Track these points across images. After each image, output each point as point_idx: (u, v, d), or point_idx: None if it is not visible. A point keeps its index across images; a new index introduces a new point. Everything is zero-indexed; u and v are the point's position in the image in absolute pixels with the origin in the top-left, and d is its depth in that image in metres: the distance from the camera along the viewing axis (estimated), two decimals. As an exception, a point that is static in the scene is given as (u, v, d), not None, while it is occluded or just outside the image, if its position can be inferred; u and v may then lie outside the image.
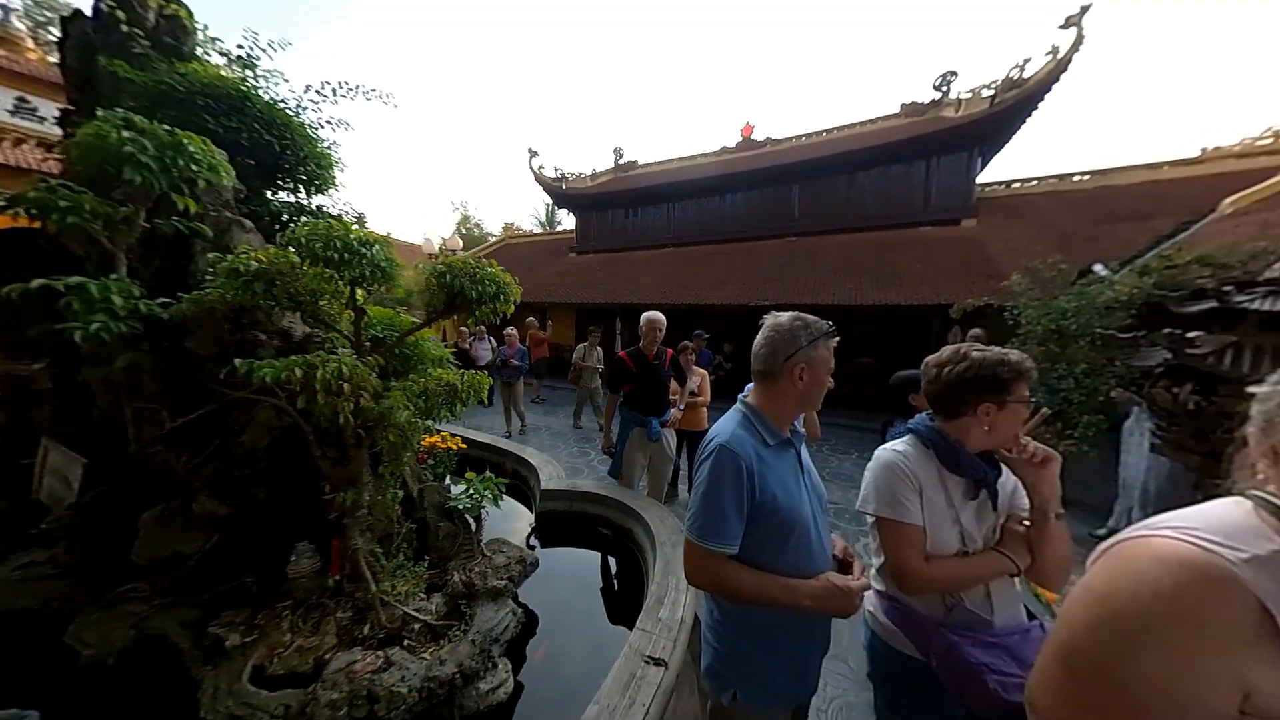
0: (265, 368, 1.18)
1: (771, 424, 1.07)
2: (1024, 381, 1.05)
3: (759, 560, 1.01)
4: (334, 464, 1.64)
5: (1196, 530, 0.48)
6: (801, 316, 1.07)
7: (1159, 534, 0.50)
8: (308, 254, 1.28)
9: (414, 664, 1.44)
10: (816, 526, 1.08)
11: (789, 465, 1.08)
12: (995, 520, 1.11)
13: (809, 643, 1.08)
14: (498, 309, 1.73)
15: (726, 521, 0.97)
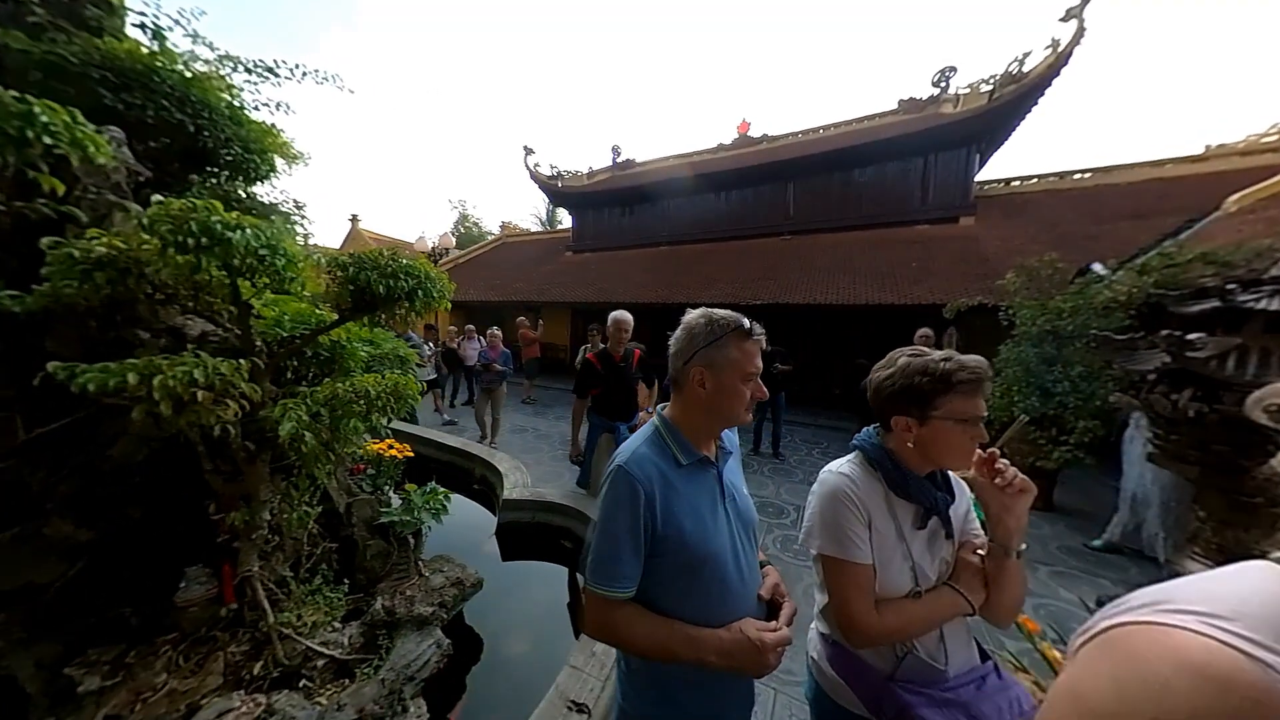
0: (89, 374, 0.99)
1: (686, 440, 0.89)
2: (955, 394, 0.86)
3: (662, 603, 0.83)
4: (226, 479, 1.45)
5: (1226, 621, 0.34)
6: (711, 313, 0.89)
7: (1179, 625, 0.35)
8: (165, 239, 1.09)
9: (303, 711, 1.25)
10: (737, 561, 0.89)
11: (705, 489, 0.90)
12: (949, 550, 0.95)
13: (721, 700, 0.90)
14: (417, 307, 1.54)
15: (619, 561, 0.80)
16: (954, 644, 0.92)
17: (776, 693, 2.11)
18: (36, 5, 1.88)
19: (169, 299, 1.29)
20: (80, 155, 1.33)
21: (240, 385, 1.18)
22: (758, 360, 0.89)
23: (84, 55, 1.80)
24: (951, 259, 8.05)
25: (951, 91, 10.30)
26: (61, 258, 1.10)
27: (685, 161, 14.69)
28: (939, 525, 0.94)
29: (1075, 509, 4.34)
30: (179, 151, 2.18)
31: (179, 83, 1.96)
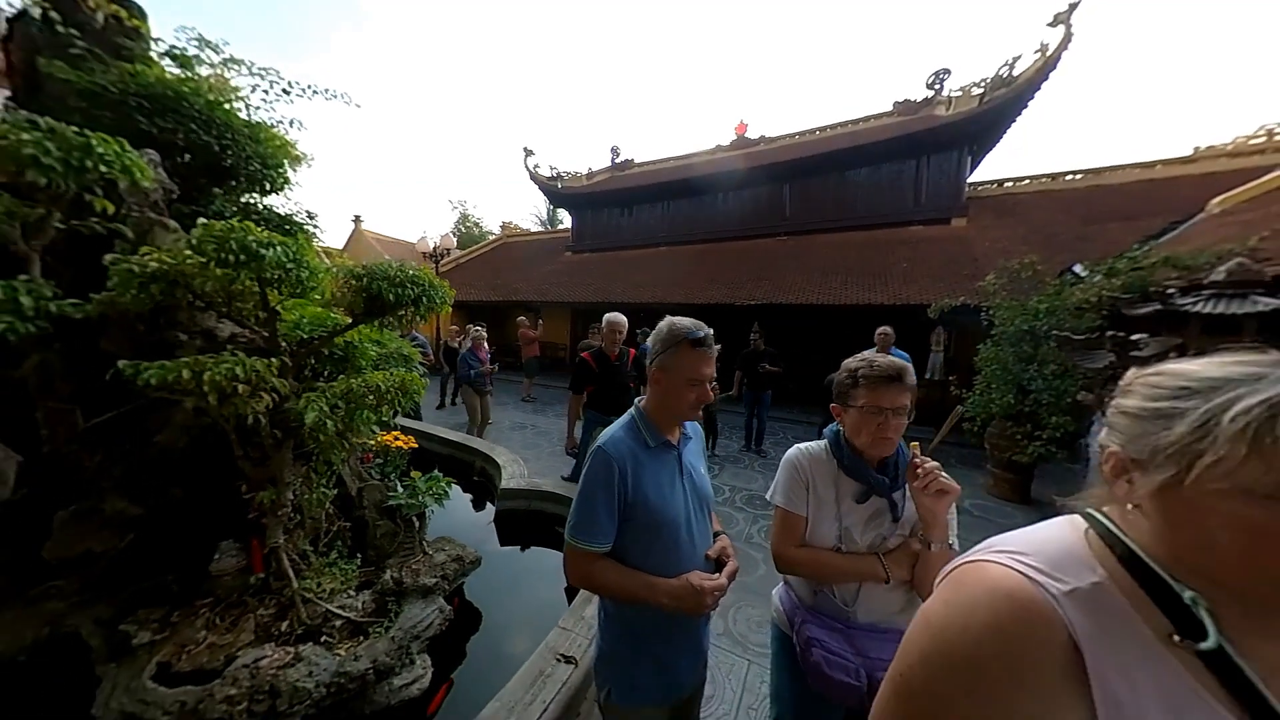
0: (150, 370, 1.19)
1: (654, 426, 1.09)
2: (862, 388, 1.08)
3: (628, 557, 1.03)
4: (255, 464, 1.65)
5: (1026, 557, 0.46)
6: (675, 321, 1.07)
7: (993, 559, 0.48)
8: (208, 256, 1.29)
9: (325, 660, 1.46)
10: (689, 527, 1.08)
11: (666, 467, 1.09)
12: (892, 531, 1.11)
13: (675, 646, 1.09)
14: (421, 312, 1.74)
15: (597, 521, 0.99)
16: (869, 603, 1.09)
17: (750, 664, 2.31)
18: (77, 37, 2.08)
19: (207, 306, 1.49)
20: (128, 179, 1.53)
21: (272, 380, 1.38)
22: (703, 369, 1.05)
23: (121, 84, 2.00)
24: (942, 260, 8.21)
25: (945, 94, 10.44)
26: (122, 272, 1.29)
27: (684, 163, 14.85)
28: (884, 506, 1.10)
29: (1051, 503, 4.52)
30: (203, 167, 2.39)
31: (205, 106, 2.16)
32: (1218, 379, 0.42)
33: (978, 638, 0.44)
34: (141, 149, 1.93)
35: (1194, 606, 0.41)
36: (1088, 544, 0.48)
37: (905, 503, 1.10)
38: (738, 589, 2.94)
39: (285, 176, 2.65)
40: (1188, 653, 0.40)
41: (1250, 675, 0.38)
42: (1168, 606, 0.42)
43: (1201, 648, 0.39)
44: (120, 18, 2.34)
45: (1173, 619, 0.41)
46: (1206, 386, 0.42)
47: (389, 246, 17.82)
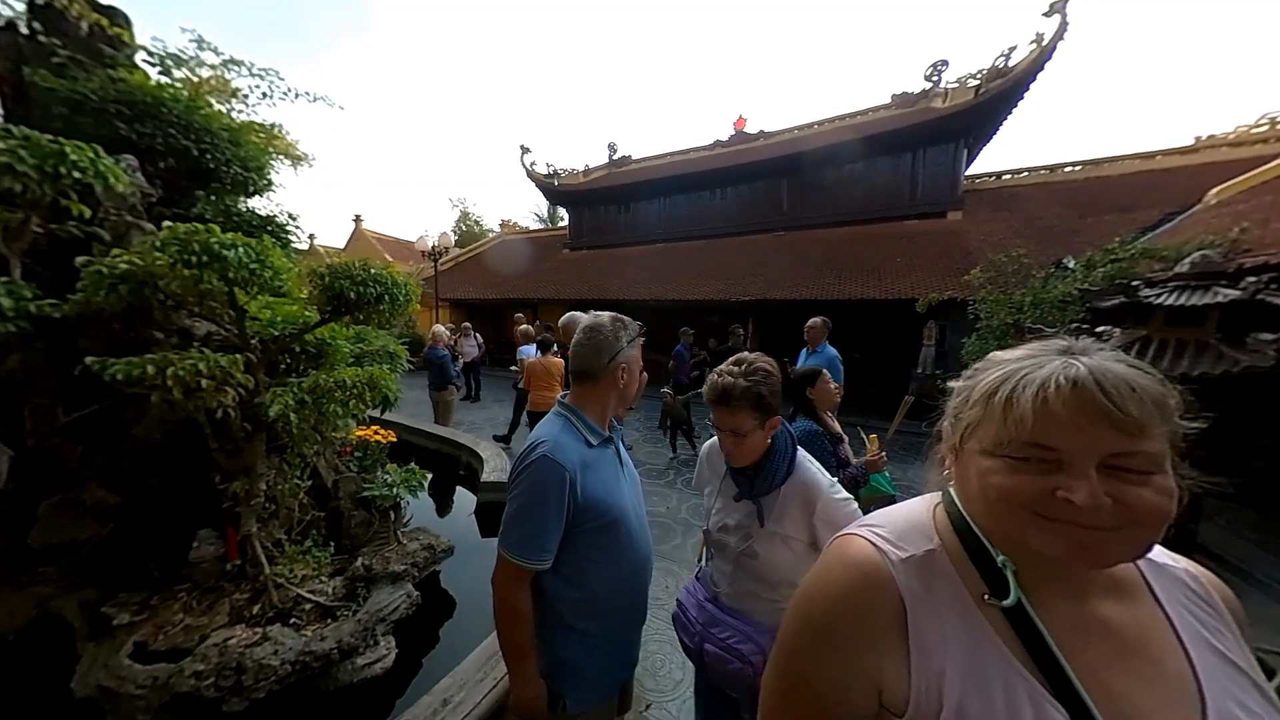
0: (117, 365, 1.26)
1: (594, 423, 1.08)
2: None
3: (589, 556, 1.02)
4: (229, 456, 1.73)
5: (881, 529, 0.52)
6: (620, 318, 1.10)
7: (857, 532, 0.54)
8: (173, 257, 1.35)
9: (291, 639, 1.54)
10: (636, 514, 1.14)
11: (610, 462, 1.10)
12: (753, 526, 1.11)
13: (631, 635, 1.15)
14: (384, 311, 1.80)
15: (546, 536, 0.95)
16: (732, 584, 1.14)
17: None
18: (59, 47, 2.15)
19: (178, 305, 1.57)
20: (103, 184, 1.61)
21: (237, 375, 1.45)
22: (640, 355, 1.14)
23: (101, 91, 2.07)
24: (936, 254, 8.18)
25: (942, 86, 10.33)
26: (92, 273, 1.37)
27: (681, 159, 14.81)
28: (751, 508, 1.11)
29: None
30: (185, 171, 2.46)
31: (184, 111, 2.23)
32: (1003, 360, 0.46)
33: (831, 603, 0.50)
34: (120, 154, 2.01)
35: (1004, 569, 0.45)
36: (933, 517, 0.53)
37: (778, 507, 1.08)
38: (713, 579, 3.00)
39: (268, 179, 2.72)
40: (995, 610, 0.45)
41: (1040, 627, 0.44)
42: (984, 570, 0.47)
43: (1004, 604, 0.44)
44: (103, 26, 2.42)
45: (987, 581, 0.46)
46: (989, 366, 0.48)
47: (389, 246, 17.95)
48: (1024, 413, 0.40)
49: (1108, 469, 0.39)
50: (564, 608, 1.03)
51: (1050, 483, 0.40)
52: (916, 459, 5.63)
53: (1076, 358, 0.42)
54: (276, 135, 3.60)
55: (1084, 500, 0.38)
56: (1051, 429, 0.40)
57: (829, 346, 3.89)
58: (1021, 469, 0.42)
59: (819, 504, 1.03)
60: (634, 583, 1.10)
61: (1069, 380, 0.40)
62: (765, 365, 1.07)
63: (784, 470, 1.08)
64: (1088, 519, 0.39)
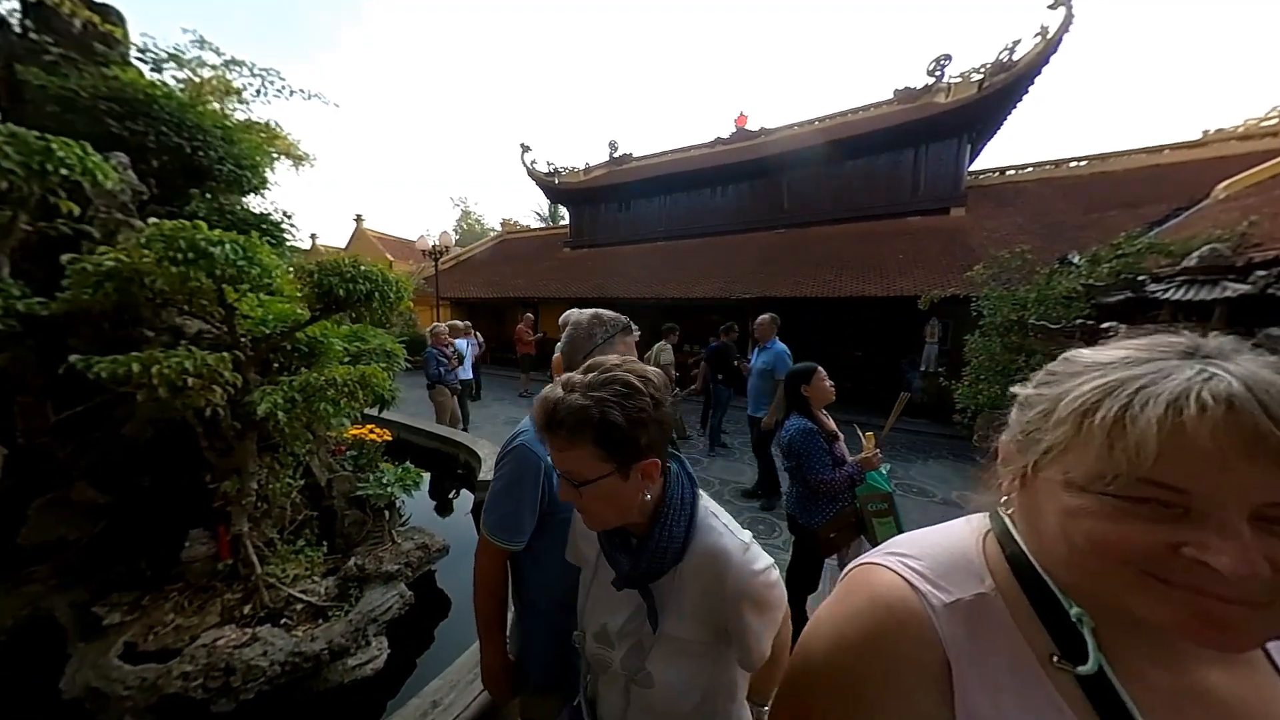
0: (102, 364, 1.25)
1: None
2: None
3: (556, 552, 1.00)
4: (220, 454, 1.72)
5: (915, 561, 0.44)
6: (599, 314, 1.09)
7: (886, 563, 0.45)
8: (158, 254, 1.34)
9: (281, 640, 1.53)
10: None
11: None
12: (645, 647, 0.72)
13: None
14: (375, 308, 1.78)
15: (519, 518, 0.99)
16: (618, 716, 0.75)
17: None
18: (51, 44, 2.14)
19: (166, 303, 1.55)
20: (91, 181, 1.59)
21: (225, 374, 1.43)
22: (634, 350, 1.10)
23: (93, 89, 2.06)
24: (938, 250, 8.11)
25: (945, 81, 10.23)
26: (78, 270, 1.35)
27: (682, 156, 14.75)
28: (640, 602, 0.69)
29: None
30: (179, 169, 2.45)
31: (176, 109, 2.22)
32: (1100, 364, 0.36)
33: (856, 647, 0.42)
34: (111, 152, 2.00)
35: (1079, 625, 0.37)
36: (983, 548, 0.44)
37: (677, 597, 0.67)
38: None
39: (262, 176, 2.70)
40: (1066, 675, 0.36)
41: (1126, 702, 0.35)
42: (1052, 623, 0.38)
43: (1080, 671, 0.35)
44: (95, 23, 2.41)
45: (1056, 638, 0.38)
46: (1076, 370, 0.37)
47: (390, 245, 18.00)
48: (1144, 440, 0.30)
49: (1261, 522, 0.29)
50: (537, 593, 1.07)
51: (1174, 535, 0.31)
52: (919, 457, 5.58)
53: (1215, 363, 0.31)
54: (278, 135, 3.59)
55: (1232, 566, 0.28)
56: (1184, 464, 0.30)
57: (778, 342, 3.90)
58: (1131, 514, 0.32)
59: (729, 579, 0.64)
60: None
61: (1218, 398, 0.29)
62: (631, 379, 0.62)
63: (681, 537, 0.67)
64: (1229, 590, 0.29)
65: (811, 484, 1.97)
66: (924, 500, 4.32)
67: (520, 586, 1.09)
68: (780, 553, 3.32)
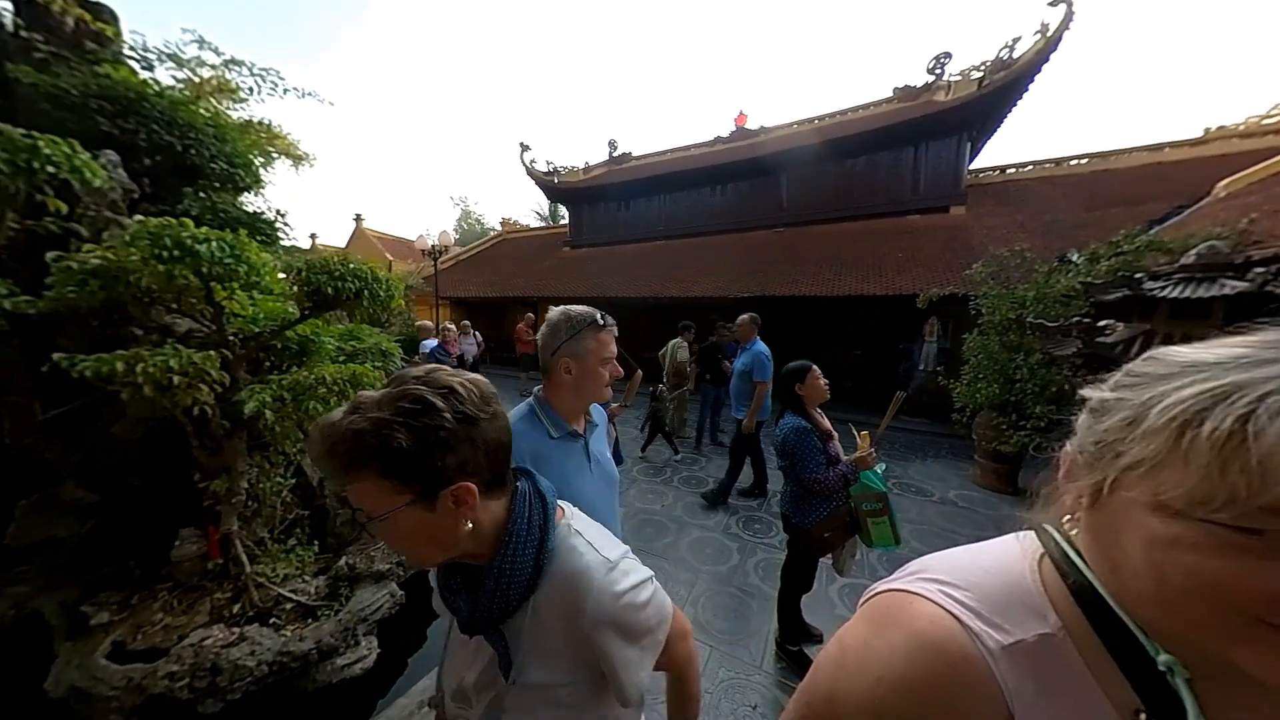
0: (86, 363, 1.24)
1: (558, 416, 1.09)
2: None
3: None
4: (210, 453, 1.71)
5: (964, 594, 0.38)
6: (569, 310, 1.08)
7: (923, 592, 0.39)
8: (143, 252, 1.33)
9: (269, 639, 1.52)
10: (600, 514, 1.10)
11: (572, 457, 1.09)
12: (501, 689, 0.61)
13: None
14: (364, 306, 1.77)
15: None
16: None
17: (713, 650, 2.34)
18: (41, 42, 2.13)
19: (154, 301, 1.55)
20: (79, 179, 1.59)
21: (212, 372, 1.43)
22: (611, 347, 1.10)
23: (83, 87, 2.05)
24: (938, 249, 8.08)
25: (945, 79, 10.20)
26: (63, 268, 1.35)
27: (681, 155, 14.73)
28: (490, 651, 0.59)
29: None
30: (171, 168, 2.44)
31: (167, 107, 2.21)
32: (1201, 364, 0.31)
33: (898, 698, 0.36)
34: (101, 150, 1.99)
35: (1170, 676, 0.31)
36: (1039, 575, 0.38)
37: (530, 636, 0.57)
38: (707, 578, 2.97)
39: (255, 175, 2.70)
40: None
41: None
42: (1135, 671, 0.32)
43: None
44: (86, 21, 2.40)
45: (1140, 689, 0.32)
46: (1170, 371, 0.32)
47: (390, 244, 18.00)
48: (1271, 460, 0.25)
49: None
50: None
51: None
52: (916, 457, 5.57)
53: None
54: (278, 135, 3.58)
55: None
56: None
57: (759, 343, 3.89)
58: (1247, 549, 0.27)
59: (587, 605, 0.55)
60: None
61: None
62: (425, 393, 0.51)
63: (529, 566, 0.57)
64: None
65: (805, 482, 1.96)
66: (921, 499, 4.31)
67: None
68: (775, 551, 3.32)
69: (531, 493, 0.63)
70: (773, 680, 2.15)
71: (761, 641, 2.40)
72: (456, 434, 0.51)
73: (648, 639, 0.58)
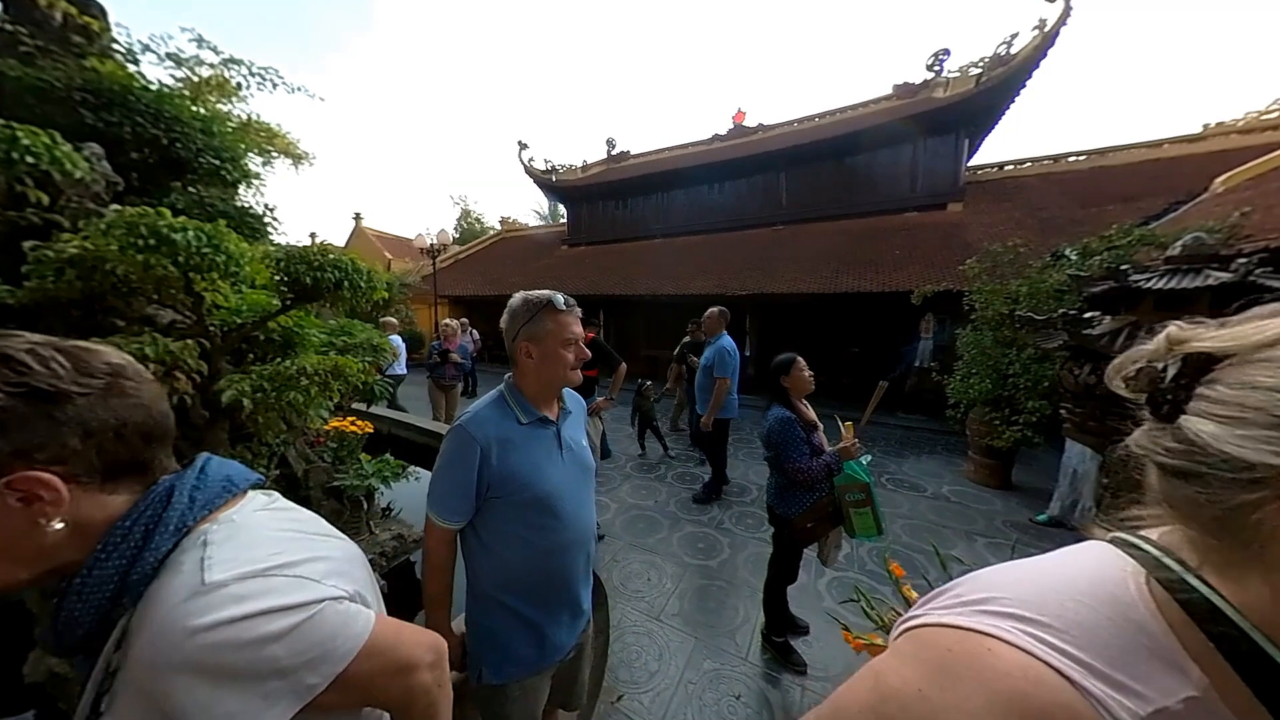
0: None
1: (527, 402, 1.08)
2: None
3: (509, 530, 1.03)
4: (191, 444, 1.71)
5: (1062, 637, 0.28)
6: (528, 295, 1.07)
7: (1003, 634, 0.30)
8: (119, 241, 1.34)
9: (249, 630, 1.52)
10: (573, 497, 1.10)
11: (543, 443, 1.08)
12: None
13: (555, 608, 1.10)
14: (345, 297, 1.77)
15: (453, 499, 1.01)
16: None
17: (697, 642, 2.35)
18: (26, 35, 2.14)
19: (133, 291, 1.55)
20: (60, 171, 1.59)
21: (189, 361, 1.43)
22: (574, 328, 1.07)
23: (66, 80, 2.05)
24: (935, 246, 8.07)
25: (943, 75, 10.18)
26: (40, 257, 1.35)
27: (680, 153, 14.73)
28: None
29: (1032, 487, 4.46)
30: (158, 162, 2.45)
31: (153, 100, 2.21)
32: None
33: None
34: (85, 143, 1.99)
35: None
36: (1156, 608, 0.29)
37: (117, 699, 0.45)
38: (696, 572, 2.98)
39: (243, 169, 2.70)
40: None
41: None
42: None
43: None
44: (73, 15, 2.40)
45: None
46: None
47: (389, 243, 18.02)
48: None
49: None
50: (483, 576, 1.07)
51: None
52: (911, 452, 5.56)
53: None
54: (277, 134, 3.59)
55: None
56: None
57: (725, 337, 3.85)
58: None
59: (139, 641, 0.41)
60: (554, 562, 1.07)
61: None
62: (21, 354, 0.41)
63: (113, 582, 0.44)
64: None
65: (789, 472, 1.96)
66: (915, 495, 4.30)
67: (472, 572, 1.08)
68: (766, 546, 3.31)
69: (159, 493, 0.48)
70: (758, 671, 2.15)
71: (749, 633, 2.40)
72: (15, 412, 0.39)
73: (274, 683, 0.43)
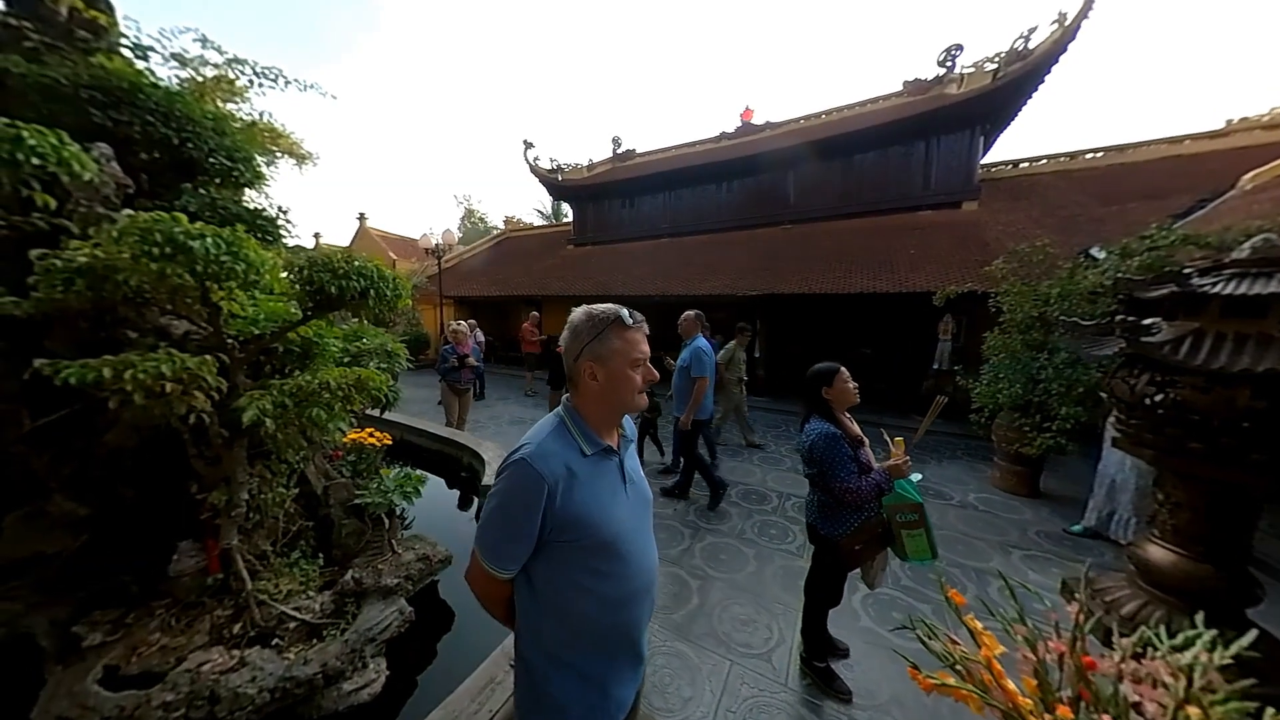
0: (70, 369, 1.14)
1: (590, 430, 0.96)
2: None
3: (573, 580, 0.91)
4: (208, 463, 1.62)
5: None
6: (592, 309, 0.96)
7: None
8: (132, 249, 1.23)
9: (272, 664, 1.42)
10: (638, 537, 0.99)
11: (607, 477, 0.97)
12: None
13: (620, 662, 0.98)
14: (371, 306, 1.67)
15: (510, 545, 0.89)
16: None
17: (733, 665, 2.24)
18: (32, 31, 2.04)
19: (146, 302, 1.45)
20: (68, 173, 1.49)
21: (208, 378, 1.33)
22: (643, 346, 0.96)
23: (74, 77, 1.95)
24: (951, 245, 7.91)
25: (957, 71, 9.99)
26: (47, 266, 1.25)
27: (686, 151, 14.57)
28: None
29: (1063, 495, 4.33)
30: (169, 162, 2.35)
31: (163, 99, 2.11)
32: None
33: None
34: (94, 143, 1.89)
35: None
36: None
37: None
38: (725, 585, 2.87)
39: (256, 170, 2.60)
40: None
41: None
42: None
43: None
44: (79, 10, 2.30)
45: None
46: None
47: (394, 244, 17.94)
48: None
49: None
50: (539, 635, 0.93)
51: None
52: (933, 458, 5.43)
53: None
54: (281, 134, 3.50)
55: None
56: None
57: (700, 338, 3.79)
58: None
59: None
60: (624, 615, 0.94)
61: None
62: None
63: None
64: None
65: (836, 492, 1.84)
66: (941, 503, 4.18)
67: (524, 626, 0.95)
68: (794, 559, 3.21)
69: None
70: (798, 698, 2.04)
71: (785, 655, 2.29)
72: None
73: None
